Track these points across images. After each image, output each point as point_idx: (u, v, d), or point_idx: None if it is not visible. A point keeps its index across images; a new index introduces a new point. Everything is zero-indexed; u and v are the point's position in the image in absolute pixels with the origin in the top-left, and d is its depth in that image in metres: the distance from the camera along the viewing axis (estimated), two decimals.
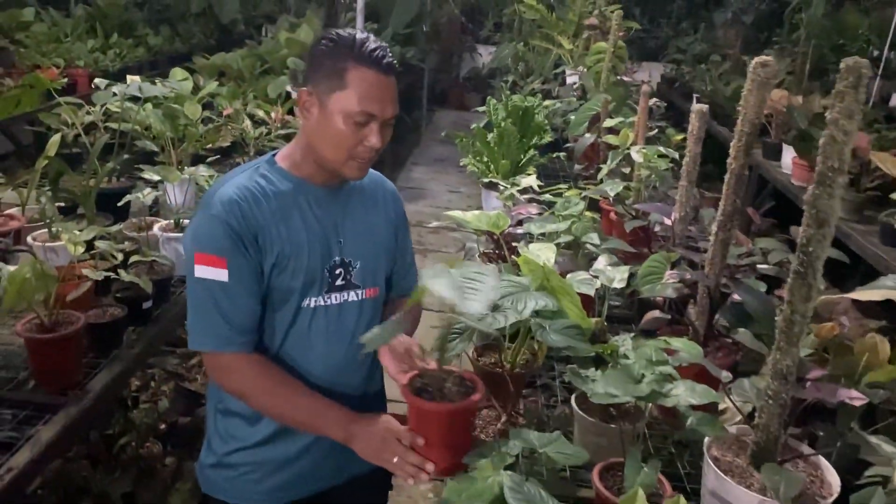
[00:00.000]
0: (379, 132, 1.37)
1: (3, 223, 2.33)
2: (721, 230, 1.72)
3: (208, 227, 1.37)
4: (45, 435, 1.61)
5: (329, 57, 1.35)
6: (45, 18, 5.79)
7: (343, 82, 1.33)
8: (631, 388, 1.26)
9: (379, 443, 1.33)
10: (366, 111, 1.34)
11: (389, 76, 1.36)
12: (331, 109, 1.35)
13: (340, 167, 1.40)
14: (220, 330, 1.38)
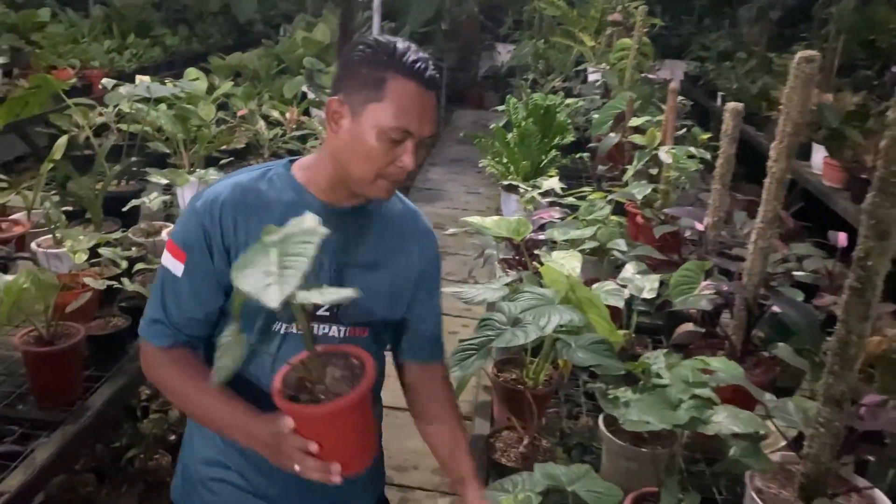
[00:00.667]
0: (414, 151, 1.22)
1: (6, 228, 2.26)
2: (761, 238, 1.60)
3: (186, 217, 1.28)
4: (41, 455, 1.52)
5: (366, 65, 1.20)
6: (62, 19, 5.76)
7: (380, 93, 1.19)
8: (668, 415, 1.14)
9: (275, 450, 1.16)
10: (403, 127, 1.19)
11: (431, 91, 1.22)
12: (364, 122, 1.20)
13: (367, 187, 1.25)
14: (156, 319, 1.29)
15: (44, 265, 2.09)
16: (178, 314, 1.27)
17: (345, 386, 1.10)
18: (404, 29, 7.35)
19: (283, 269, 0.94)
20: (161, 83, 2.80)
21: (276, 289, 0.90)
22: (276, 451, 1.15)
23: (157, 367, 1.31)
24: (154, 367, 1.31)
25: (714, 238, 2.06)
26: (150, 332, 1.29)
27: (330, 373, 1.12)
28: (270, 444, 1.16)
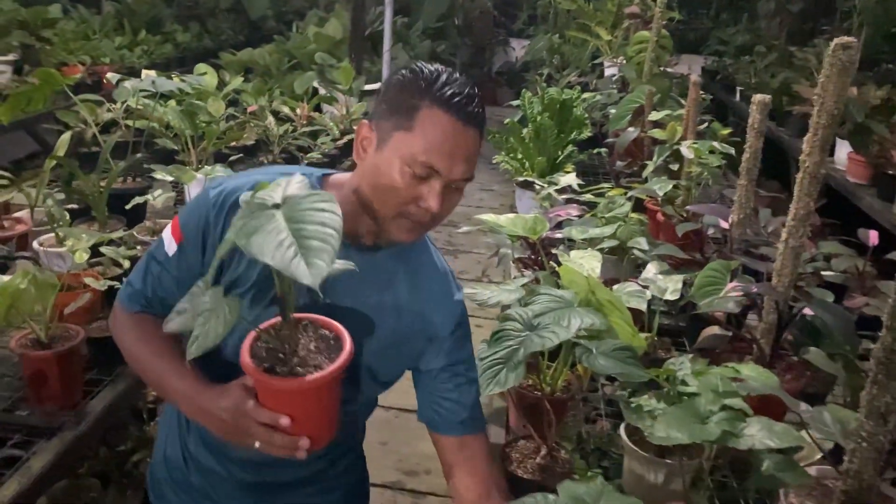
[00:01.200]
0: (440, 194, 1.09)
1: (8, 227, 2.21)
2: (792, 237, 1.52)
3: (198, 201, 1.20)
4: (37, 463, 1.46)
5: (402, 91, 1.11)
6: (73, 16, 5.73)
7: (410, 122, 1.08)
8: (697, 429, 1.06)
9: (232, 426, 1.06)
10: (428, 163, 1.07)
11: (469, 127, 1.10)
12: (389, 151, 1.10)
13: (387, 223, 1.14)
14: (133, 284, 1.25)
15: (45, 264, 2.03)
16: (155, 291, 1.23)
17: (321, 357, 1.03)
18: (417, 24, 7.28)
19: (304, 239, 0.86)
20: (168, 78, 2.73)
21: (303, 265, 0.83)
22: (232, 427, 1.06)
23: (120, 329, 1.27)
24: (118, 328, 1.28)
25: (739, 236, 1.97)
26: (125, 293, 1.27)
27: (303, 344, 1.04)
28: (225, 419, 1.06)
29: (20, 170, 5.02)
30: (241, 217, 0.90)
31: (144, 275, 1.23)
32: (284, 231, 0.86)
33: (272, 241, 0.85)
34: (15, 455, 1.51)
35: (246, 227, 0.87)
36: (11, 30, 4.44)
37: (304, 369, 1.00)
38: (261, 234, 0.86)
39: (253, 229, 0.87)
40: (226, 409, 1.06)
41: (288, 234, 0.86)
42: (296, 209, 0.90)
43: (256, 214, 0.89)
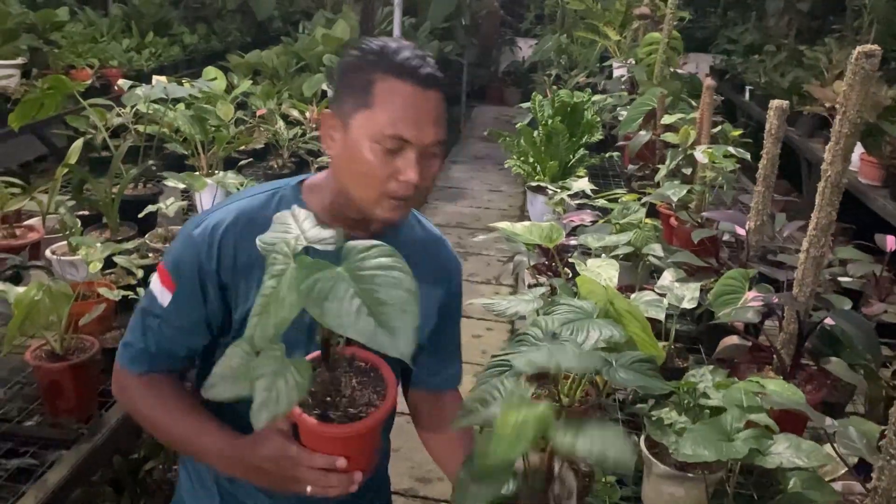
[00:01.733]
0: (417, 163, 1.06)
1: (21, 235, 2.20)
2: (813, 246, 1.50)
3: (181, 244, 1.14)
4: (53, 477, 1.46)
5: (353, 70, 1.08)
6: (81, 18, 5.73)
7: (369, 98, 1.05)
8: (725, 447, 1.05)
9: (278, 475, 1.02)
10: (396, 134, 1.05)
11: (429, 90, 1.07)
12: (355, 133, 1.07)
13: (372, 208, 1.10)
14: (133, 345, 1.17)
15: (58, 273, 2.03)
16: (158, 346, 1.15)
17: (367, 392, 1.01)
18: (424, 24, 7.26)
19: (381, 306, 0.83)
20: (178, 83, 2.72)
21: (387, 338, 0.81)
22: (278, 477, 1.02)
23: (129, 396, 1.18)
24: (126, 394, 1.19)
25: (757, 243, 1.95)
26: (126, 356, 1.18)
27: (345, 382, 1.02)
28: (269, 469, 1.02)
29: (28, 173, 5.03)
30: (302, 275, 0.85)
31: (143, 332, 1.16)
32: (357, 299, 0.83)
33: (347, 311, 0.82)
34: (30, 465, 1.51)
35: (315, 291, 0.83)
36: (20, 33, 4.44)
37: (355, 409, 0.98)
38: (333, 302, 0.82)
39: (323, 294, 0.83)
40: (268, 458, 1.02)
41: (361, 303, 0.83)
42: (362, 269, 0.87)
43: (321, 276, 0.84)
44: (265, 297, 0.86)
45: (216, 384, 0.90)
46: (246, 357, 0.90)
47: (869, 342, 1.50)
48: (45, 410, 1.64)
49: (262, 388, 0.86)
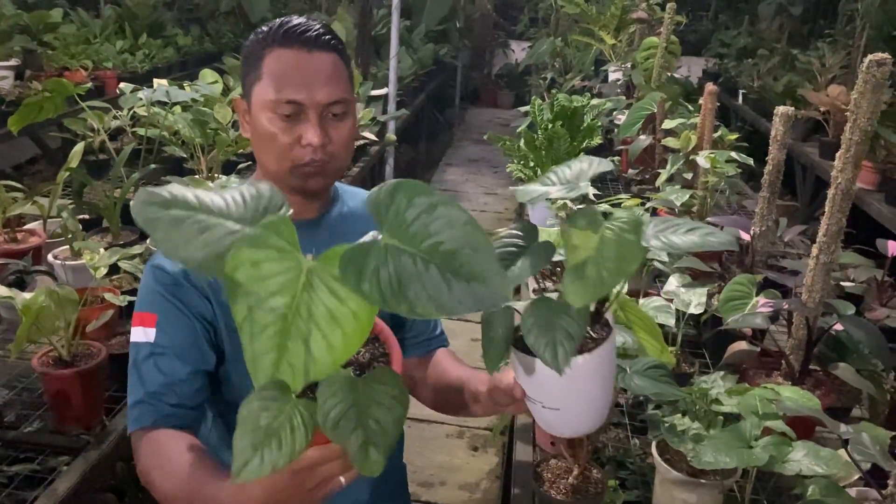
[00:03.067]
0: (318, 125, 1.07)
1: (22, 239, 2.18)
2: (823, 252, 1.51)
3: (146, 278, 1.11)
4: (62, 486, 1.44)
5: (248, 51, 1.12)
6: (74, 19, 5.70)
7: (259, 72, 1.08)
8: (745, 455, 1.05)
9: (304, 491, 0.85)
10: (286, 98, 1.05)
11: (316, 52, 1.07)
12: (255, 108, 1.09)
13: (288, 179, 1.09)
14: (135, 401, 1.07)
15: (61, 278, 2.01)
16: (158, 382, 1.06)
17: (369, 349, 0.90)
18: (419, 27, 7.26)
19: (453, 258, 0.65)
20: (180, 87, 2.71)
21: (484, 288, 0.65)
22: (304, 491, 0.85)
23: (143, 463, 1.04)
24: (142, 462, 1.05)
25: (762, 249, 1.96)
26: (131, 418, 1.08)
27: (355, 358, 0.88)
28: (289, 486, 0.85)
29: (21, 175, 4.99)
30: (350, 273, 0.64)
31: (140, 380, 1.08)
32: (432, 266, 0.65)
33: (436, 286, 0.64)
34: (37, 473, 1.50)
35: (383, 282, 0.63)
36: (13, 34, 4.41)
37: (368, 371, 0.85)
38: (413, 285, 0.63)
39: (395, 281, 0.64)
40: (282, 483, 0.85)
41: (438, 268, 0.65)
42: (408, 225, 0.67)
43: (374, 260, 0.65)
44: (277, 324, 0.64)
45: (251, 458, 0.66)
46: (279, 407, 0.68)
47: (879, 347, 1.51)
48: (48, 417, 1.63)
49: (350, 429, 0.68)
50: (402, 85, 5.51)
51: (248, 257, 0.62)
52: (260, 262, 0.62)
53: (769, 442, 1.07)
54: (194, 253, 0.65)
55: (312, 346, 0.63)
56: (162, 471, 1.00)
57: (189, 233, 0.66)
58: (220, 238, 0.66)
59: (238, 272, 0.62)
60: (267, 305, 0.62)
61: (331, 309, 0.63)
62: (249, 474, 0.65)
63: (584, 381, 0.94)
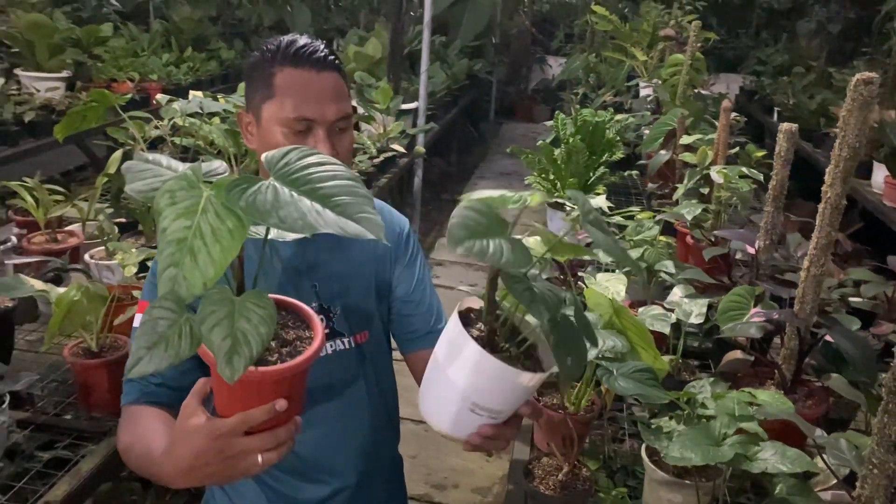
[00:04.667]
0: (327, 139, 1.17)
1: (62, 240, 2.33)
2: (814, 265, 1.55)
3: (150, 272, 1.24)
4: (86, 466, 1.55)
5: (256, 68, 1.21)
6: (123, 33, 5.94)
7: (271, 90, 1.17)
8: (711, 451, 1.11)
9: (224, 462, 0.88)
10: (300, 116, 1.16)
11: (324, 72, 1.18)
12: (265, 124, 1.19)
13: None
14: (128, 381, 1.17)
15: (96, 276, 2.14)
16: None
17: (292, 330, 0.93)
18: (455, 43, 7.38)
19: (330, 199, 0.79)
20: (214, 98, 2.85)
21: (355, 226, 0.78)
22: (224, 462, 0.88)
23: (119, 429, 1.16)
24: (118, 429, 1.16)
25: (766, 262, 2.00)
26: (123, 393, 1.18)
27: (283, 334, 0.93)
28: (210, 461, 0.88)
29: (69, 181, 5.21)
30: (234, 196, 0.78)
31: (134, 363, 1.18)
32: (305, 199, 0.80)
33: (308, 209, 0.78)
34: (64, 457, 1.61)
35: (258, 204, 0.77)
36: (66, 48, 4.63)
37: (289, 348, 0.90)
38: (286, 208, 0.78)
39: (268, 204, 0.77)
40: (201, 449, 0.88)
41: (312, 202, 0.79)
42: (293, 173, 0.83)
43: (255, 189, 0.79)
44: (181, 242, 0.76)
45: (143, 357, 0.78)
46: (174, 316, 0.80)
47: (865, 360, 1.54)
48: (78, 406, 1.75)
49: (220, 336, 0.77)
50: (434, 99, 5.63)
51: (168, 188, 0.79)
52: (175, 192, 0.79)
53: (737, 440, 1.13)
54: (142, 186, 0.86)
55: (199, 260, 0.76)
56: (128, 440, 1.10)
57: (145, 176, 0.87)
58: (161, 179, 0.86)
59: (162, 200, 0.79)
60: (174, 225, 0.77)
61: (214, 227, 0.77)
62: (140, 370, 0.78)
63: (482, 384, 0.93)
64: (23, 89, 4.15)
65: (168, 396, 1.16)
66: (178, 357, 0.78)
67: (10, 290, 1.65)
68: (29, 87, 4.18)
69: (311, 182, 0.81)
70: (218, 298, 0.80)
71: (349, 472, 1.33)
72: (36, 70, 4.32)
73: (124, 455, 1.11)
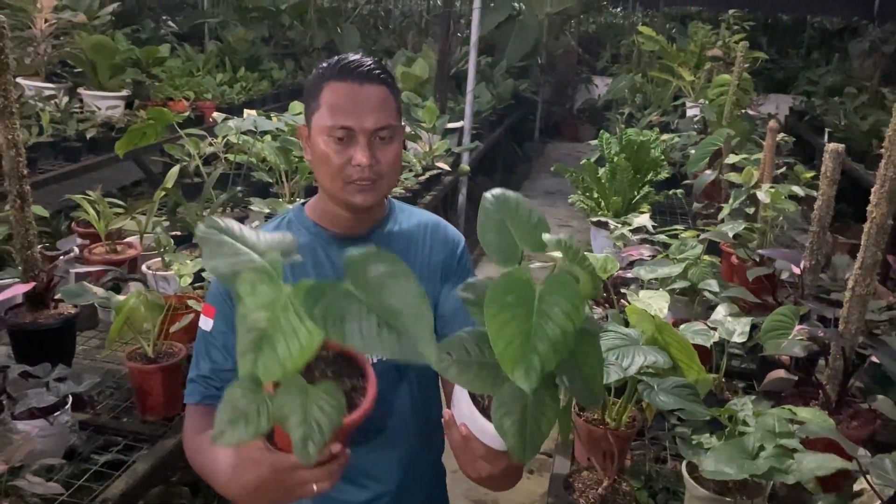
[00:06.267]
0: (366, 148, 1.22)
1: (121, 251, 2.43)
2: (858, 285, 1.54)
3: (214, 280, 1.33)
4: (142, 466, 1.62)
5: (311, 85, 1.29)
6: (180, 54, 6.15)
7: (318, 102, 1.24)
8: (746, 464, 1.12)
9: (282, 489, 0.98)
10: (339, 124, 1.21)
11: (367, 85, 1.23)
12: (314, 134, 1.26)
13: (341, 195, 1.25)
14: (189, 379, 1.28)
15: (152, 286, 2.23)
16: (208, 367, 1.27)
17: (346, 378, 0.99)
18: (501, 63, 7.44)
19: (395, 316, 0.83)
20: (267, 117, 2.95)
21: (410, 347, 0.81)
22: (282, 489, 0.98)
23: (184, 428, 1.28)
24: (183, 427, 1.28)
25: (812, 282, 1.99)
26: (186, 391, 1.29)
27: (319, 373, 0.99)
28: (270, 487, 0.99)
29: (125, 196, 5.39)
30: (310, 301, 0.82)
31: (196, 362, 1.29)
32: (373, 315, 0.83)
33: (369, 330, 0.81)
34: (119, 460, 1.68)
35: (331, 316, 0.81)
36: (126, 68, 4.82)
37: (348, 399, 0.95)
38: (352, 323, 0.82)
39: (339, 317, 0.82)
40: (263, 478, 0.98)
41: (378, 319, 0.82)
42: (367, 281, 0.85)
43: (331, 298, 0.82)
44: (257, 331, 0.82)
45: (225, 430, 0.84)
46: (252, 396, 0.86)
47: None
48: (134, 410, 1.82)
49: (295, 424, 0.84)
50: (480, 119, 5.68)
51: (250, 279, 0.85)
52: (256, 284, 0.85)
53: (771, 454, 1.13)
54: (222, 267, 0.90)
55: (278, 352, 0.81)
56: (191, 441, 1.22)
57: (223, 253, 0.92)
58: (240, 262, 0.91)
59: (242, 287, 0.85)
60: (254, 315, 0.83)
61: (294, 326, 0.82)
62: (223, 442, 0.84)
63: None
64: (85, 107, 4.32)
65: (222, 380, 1.26)
66: (257, 432, 0.84)
67: (75, 296, 1.74)
68: (91, 106, 4.36)
69: (383, 295, 0.84)
70: (293, 389, 0.86)
71: (390, 478, 1.36)
72: (98, 89, 4.51)
73: (189, 454, 1.22)
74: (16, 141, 1.82)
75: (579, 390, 0.96)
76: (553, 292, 0.92)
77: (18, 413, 1.54)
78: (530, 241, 1.05)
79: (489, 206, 1.07)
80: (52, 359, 1.73)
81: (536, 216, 1.07)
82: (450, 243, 1.44)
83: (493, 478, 1.05)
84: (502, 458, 1.03)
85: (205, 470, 1.17)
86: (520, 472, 1.11)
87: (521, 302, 0.90)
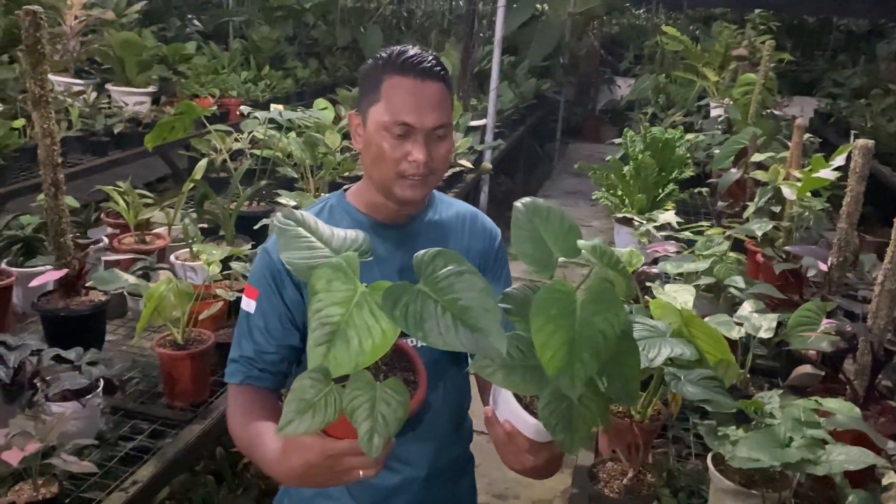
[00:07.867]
0: (424, 145, 1.23)
1: (150, 241, 2.46)
2: (888, 280, 1.53)
3: (258, 259, 1.33)
4: (171, 450, 1.65)
5: (368, 74, 1.28)
6: (205, 52, 6.22)
7: (378, 95, 1.24)
8: (778, 453, 1.11)
9: (330, 474, 1.02)
10: (400, 121, 1.22)
11: (428, 82, 1.23)
12: (370, 126, 1.26)
13: (392, 188, 1.26)
14: (232, 359, 1.31)
15: (181, 276, 2.26)
16: (251, 349, 1.29)
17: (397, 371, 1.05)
18: (523, 63, 7.44)
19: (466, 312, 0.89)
20: (293, 111, 2.97)
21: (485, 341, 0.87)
22: (330, 474, 1.02)
23: (228, 406, 1.30)
24: (228, 406, 1.31)
25: (838, 279, 1.98)
26: (228, 371, 1.31)
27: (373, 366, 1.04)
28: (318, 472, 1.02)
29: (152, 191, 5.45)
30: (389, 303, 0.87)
31: (238, 342, 1.30)
32: (448, 313, 0.88)
33: (446, 327, 0.87)
34: (148, 446, 1.70)
35: (410, 316, 0.87)
36: (153, 64, 4.88)
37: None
38: (430, 321, 0.87)
39: (418, 316, 0.87)
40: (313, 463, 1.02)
41: (453, 316, 0.88)
42: (438, 281, 0.91)
43: (408, 299, 0.88)
44: (331, 326, 0.87)
45: (294, 419, 0.89)
46: (321, 387, 0.91)
47: None
48: (162, 396, 1.85)
49: (363, 417, 0.88)
50: (502, 118, 5.68)
51: (326, 275, 0.90)
52: (332, 281, 0.90)
53: (803, 444, 1.13)
54: (298, 261, 0.97)
55: (351, 347, 0.86)
56: (236, 420, 1.24)
57: (300, 246, 0.99)
58: (315, 257, 0.98)
59: (318, 282, 0.89)
60: (329, 310, 0.88)
61: (368, 323, 0.87)
62: (290, 431, 0.89)
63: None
64: (112, 103, 4.38)
65: (269, 381, 1.29)
66: (324, 422, 0.89)
67: (106, 283, 1.78)
68: (118, 101, 4.42)
69: (454, 293, 0.90)
70: (362, 383, 0.91)
71: (421, 464, 1.38)
72: (125, 85, 4.56)
73: (232, 431, 1.25)
74: (51, 130, 1.85)
75: (617, 389, 1.00)
76: (594, 301, 0.95)
77: (52, 395, 1.57)
78: (564, 248, 1.09)
79: (521, 216, 1.10)
80: (83, 344, 1.76)
81: (568, 223, 1.10)
82: (488, 234, 1.45)
83: (537, 468, 1.09)
84: (545, 449, 1.07)
85: (251, 449, 1.20)
86: (560, 460, 1.14)
87: (564, 314, 0.93)
